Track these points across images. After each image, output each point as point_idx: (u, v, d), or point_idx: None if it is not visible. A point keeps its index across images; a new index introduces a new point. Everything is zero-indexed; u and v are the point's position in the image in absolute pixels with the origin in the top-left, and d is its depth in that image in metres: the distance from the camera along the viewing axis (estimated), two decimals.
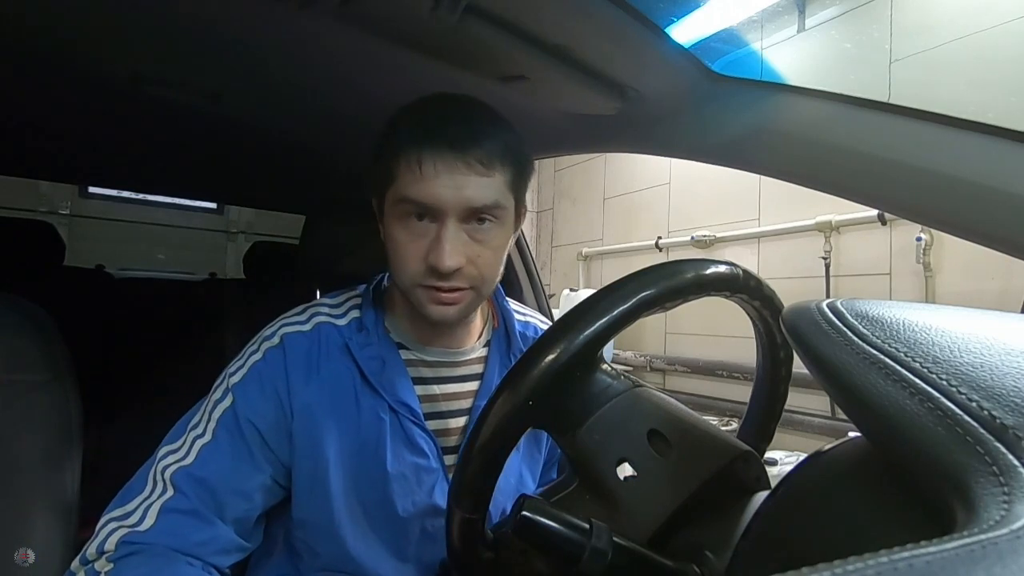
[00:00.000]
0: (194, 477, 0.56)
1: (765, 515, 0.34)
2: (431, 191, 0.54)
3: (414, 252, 0.56)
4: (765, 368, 0.57)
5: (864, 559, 0.13)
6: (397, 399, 0.61)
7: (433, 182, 0.54)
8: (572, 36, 0.62)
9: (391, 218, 0.58)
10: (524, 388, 0.40)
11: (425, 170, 0.54)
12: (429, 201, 0.55)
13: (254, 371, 0.60)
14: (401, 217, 0.57)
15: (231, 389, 0.59)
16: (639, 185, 3.18)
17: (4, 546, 0.60)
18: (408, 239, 0.57)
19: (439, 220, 0.56)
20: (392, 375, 0.62)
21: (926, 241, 1.91)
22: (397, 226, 0.57)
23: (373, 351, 0.62)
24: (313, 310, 0.66)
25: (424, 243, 0.56)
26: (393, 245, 0.58)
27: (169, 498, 0.55)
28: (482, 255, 0.58)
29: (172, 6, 0.60)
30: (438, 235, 0.55)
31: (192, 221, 3.81)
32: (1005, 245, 0.50)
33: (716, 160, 0.75)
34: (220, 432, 0.58)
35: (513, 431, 0.42)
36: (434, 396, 0.65)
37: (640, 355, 3.01)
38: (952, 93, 1.78)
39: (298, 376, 0.60)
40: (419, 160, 0.54)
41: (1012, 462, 0.18)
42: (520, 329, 0.73)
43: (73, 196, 3.41)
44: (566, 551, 0.39)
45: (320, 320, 0.64)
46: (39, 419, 0.66)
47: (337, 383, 0.61)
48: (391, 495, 0.61)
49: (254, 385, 0.59)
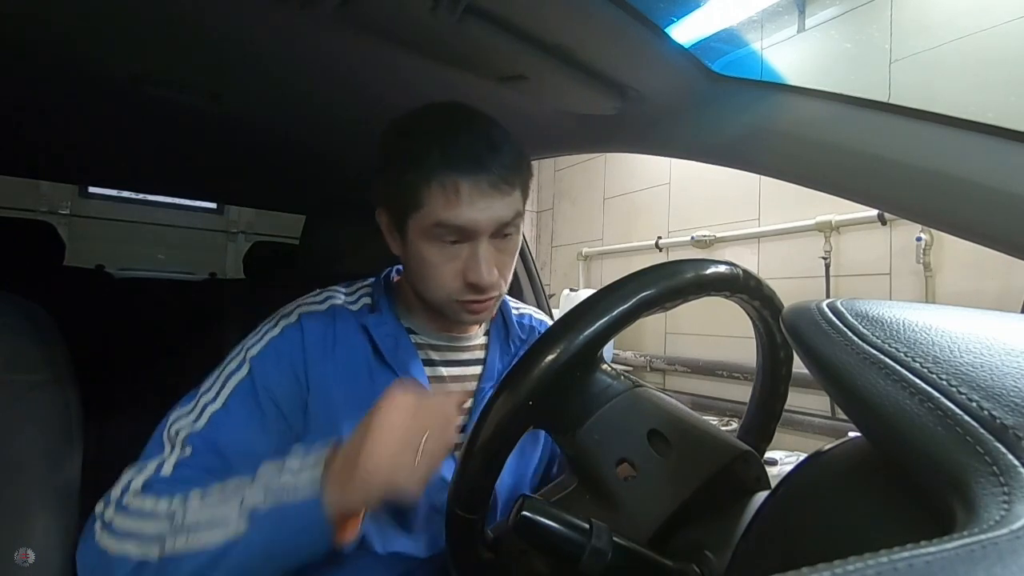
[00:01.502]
0: (206, 440, 0.57)
1: (765, 515, 0.34)
2: (468, 216, 0.56)
3: (450, 272, 0.59)
4: (765, 368, 0.57)
5: (864, 559, 0.13)
6: (409, 376, 0.64)
7: (469, 208, 0.56)
8: (572, 36, 0.62)
9: (421, 240, 0.59)
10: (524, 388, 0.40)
11: (461, 197, 0.56)
12: (468, 226, 0.57)
13: (272, 345, 0.62)
14: (434, 239, 0.59)
15: (249, 360, 0.61)
16: (639, 185, 3.18)
17: (4, 546, 0.60)
18: (443, 260, 0.59)
19: (473, 240, 0.58)
20: (404, 354, 0.65)
21: (926, 241, 1.91)
22: (430, 248, 0.59)
23: (388, 330, 0.66)
24: (328, 294, 0.69)
25: (459, 263, 0.59)
26: (424, 265, 0.60)
27: (182, 457, 0.56)
28: (506, 263, 0.62)
29: (172, 6, 0.60)
30: (474, 254, 0.58)
31: (192, 221, 3.81)
32: (1005, 245, 0.50)
33: (716, 160, 0.75)
34: (233, 401, 0.59)
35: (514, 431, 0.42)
36: (441, 377, 0.68)
37: (640, 355, 3.01)
38: (952, 93, 1.78)
39: (315, 352, 0.62)
40: (456, 188, 0.56)
41: (1012, 462, 0.18)
42: (517, 319, 0.78)
43: (73, 196, 3.41)
44: (566, 551, 0.39)
45: (335, 303, 0.67)
46: (39, 419, 0.66)
47: (352, 360, 0.64)
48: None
49: (272, 358, 0.61)
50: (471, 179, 0.56)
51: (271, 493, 0.48)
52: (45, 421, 0.67)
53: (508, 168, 0.58)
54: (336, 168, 1.29)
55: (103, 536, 0.51)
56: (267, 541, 0.47)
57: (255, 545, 0.47)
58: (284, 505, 0.47)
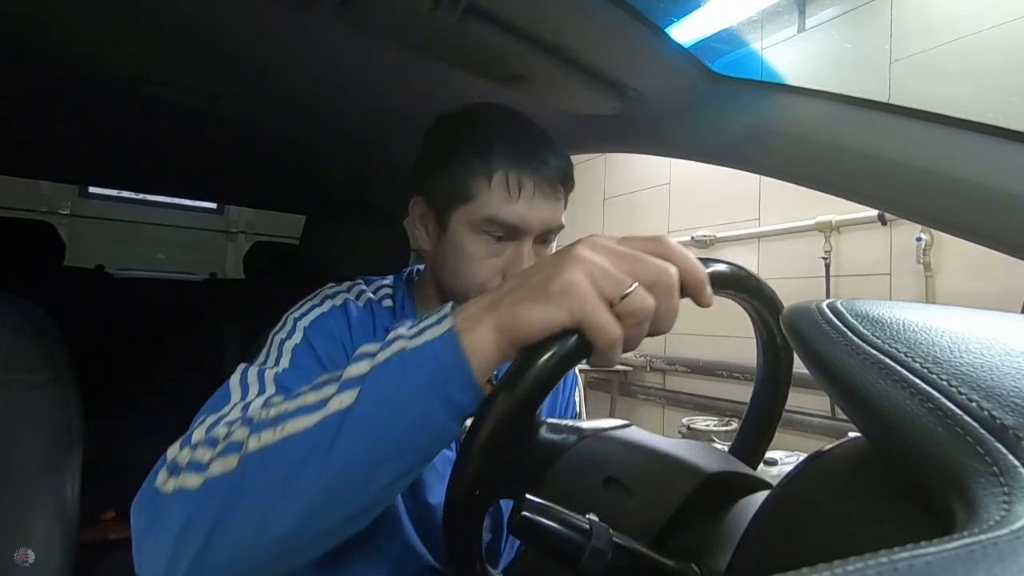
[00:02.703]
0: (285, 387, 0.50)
1: (765, 515, 0.34)
2: (523, 214, 0.56)
3: (489, 267, 0.59)
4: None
5: (864, 559, 0.13)
6: None
7: (527, 205, 0.56)
8: (572, 36, 0.62)
9: (467, 233, 0.59)
10: (466, 479, 0.37)
11: (523, 193, 0.56)
12: (520, 224, 0.57)
13: (321, 319, 0.60)
14: (480, 233, 0.58)
15: (302, 328, 0.58)
16: (639, 185, 3.18)
17: (4, 546, 0.60)
18: (486, 255, 0.59)
19: (519, 239, 0.58)
20: None
21: (926, 241, 1.91)
22: (475, 241, 0.59)
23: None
24: (359, 288, 0.67)
25: (500, 260, 0.59)
26: (464, 258, 0.59)
27: (273, 393, 0.48)
28: None
29: (172, 7, 0.60)
30: (518, 253, 0.58)
31: (192, 221, 3.81)
32: (1005, 245, 0.50)
33: (716, 160, 0.75)
34: (298, 360, 0.54)
35: (475, 514, 0.40)
36: None
37: (640, 355, 3.01)
38: (952, 93, 1.78)
39: (359, 335, 0.60)
40: (519, 183, 0.56)
41: (1012, 462, 0.18)
42: None
43: (73, 196, 3.42)
44: (566, 551, 0.39)
45: (369, 297, 0.66)
46: (39, 419, 0.66)
47: None
48: (420, 484, 0.62)
49: (322, 329, 0.58)
50: (534, 177, 0.56)
51: (385, 349, 0.37)
52: (45, 421, 0.67)
53: (564, 172, 0.59)
54: (336, 168, 1.30)
55: (163, 478, 0.39)
56: (387, 408, 0.34)
57: (369, 420, 0.34)
58: (407, 352, 0.35)
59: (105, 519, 1.26)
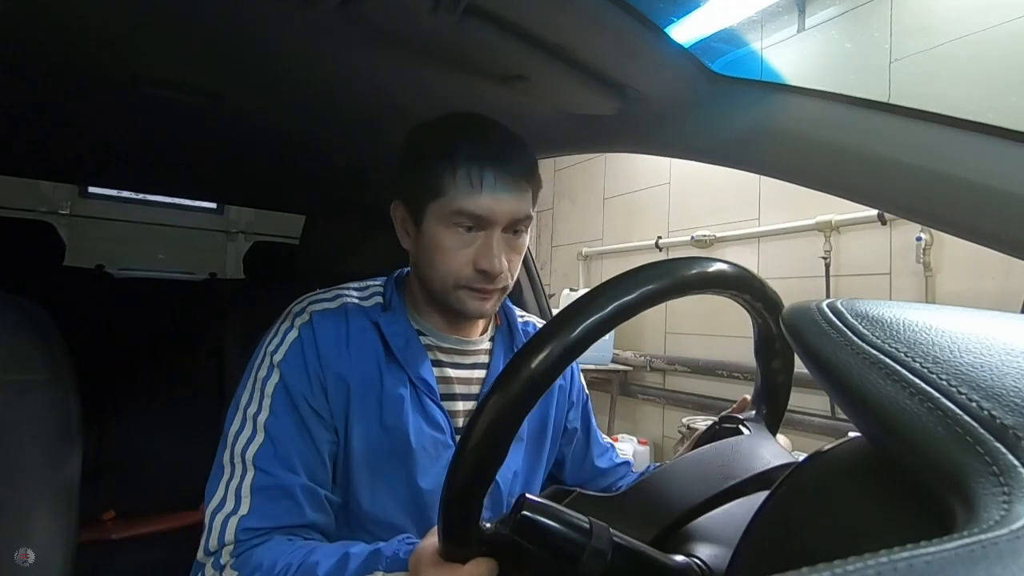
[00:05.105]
0: (268, 454, 0.59)
1: (765, 515, 0.34)
2: (487, 205, 0.61)
3: (462, 258, 0.63)
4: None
5: (864, 559, 0.13)
6: (418, 375, 0.67)
7: (490, 197, 0.61)
8: (572, 36, 0.62)
9: (439, 226, 0.63)
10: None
11: (485, 185, 0.61)
12: (485, 214, 0.61)
13: (293, 348, 0.64)
14: (451, 226, 0.63)
15: (276, 366, 0.63)
16: (639, 185, 3.18)
17: (4, 546, 0.60)
18: (457, 246, 0.63)
19: (487, 229, 0.63)
20: (414, 352, 0.68)
21: (926, 241, 1.91)
22: (446, 234, 0.63)
23: (399, 328, 0.68)
24: (339, 291, 0.71)
25: (471, 250, 0.63)
26: (439, 251, 0.63)
27: (252, 478, 0.59)
28: (513, 260, 0.66)
29: (172, 6, 0.60)
30: (487, 243, 0.62)
31: (192, 221, 3.81)
32: (1005, 245, 0.50)
33: (716, 160, 0.75)
34: (277, 406, 0.62)
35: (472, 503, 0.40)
36: (448, 378, 0.71)
37: (640, 355, 3.01)
38: (952, 93, 1.78)
39: (329, 350, 0.65)
40: (480, 176, 0.61)
41: (1012, 462, 0.18)
42: (522, 326, 0.80)
43: (73, 196, 3.41)
44: (566, 551, 0.39)
45: (347, 300, 0.70)
46: (39, 419, 0.66)
47: (364, 358, 0.66)
48: (413, 469, 0.65)
49: (296, 362, 0.64)
50: (494, 171, 0.61)
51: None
52: (45, 421, 0.67)
53: (527, 168, 0.64)
54: (336, 168, 1.30)
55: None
56: None
57: None
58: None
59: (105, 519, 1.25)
